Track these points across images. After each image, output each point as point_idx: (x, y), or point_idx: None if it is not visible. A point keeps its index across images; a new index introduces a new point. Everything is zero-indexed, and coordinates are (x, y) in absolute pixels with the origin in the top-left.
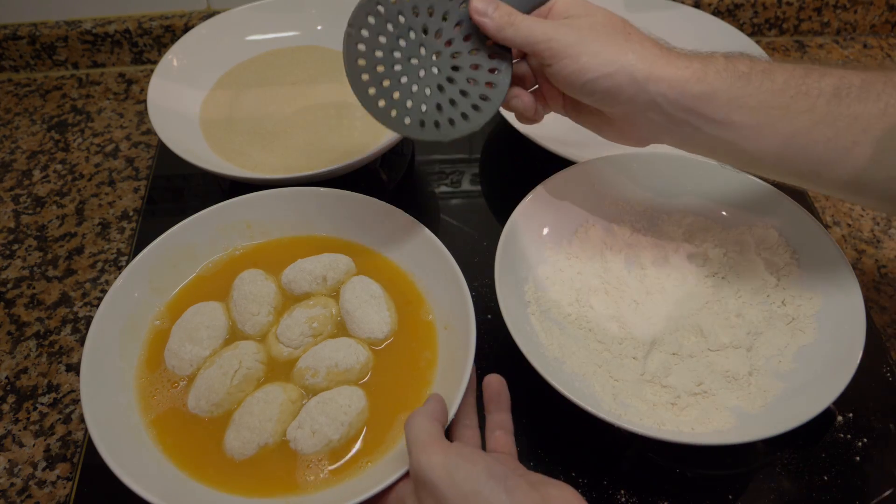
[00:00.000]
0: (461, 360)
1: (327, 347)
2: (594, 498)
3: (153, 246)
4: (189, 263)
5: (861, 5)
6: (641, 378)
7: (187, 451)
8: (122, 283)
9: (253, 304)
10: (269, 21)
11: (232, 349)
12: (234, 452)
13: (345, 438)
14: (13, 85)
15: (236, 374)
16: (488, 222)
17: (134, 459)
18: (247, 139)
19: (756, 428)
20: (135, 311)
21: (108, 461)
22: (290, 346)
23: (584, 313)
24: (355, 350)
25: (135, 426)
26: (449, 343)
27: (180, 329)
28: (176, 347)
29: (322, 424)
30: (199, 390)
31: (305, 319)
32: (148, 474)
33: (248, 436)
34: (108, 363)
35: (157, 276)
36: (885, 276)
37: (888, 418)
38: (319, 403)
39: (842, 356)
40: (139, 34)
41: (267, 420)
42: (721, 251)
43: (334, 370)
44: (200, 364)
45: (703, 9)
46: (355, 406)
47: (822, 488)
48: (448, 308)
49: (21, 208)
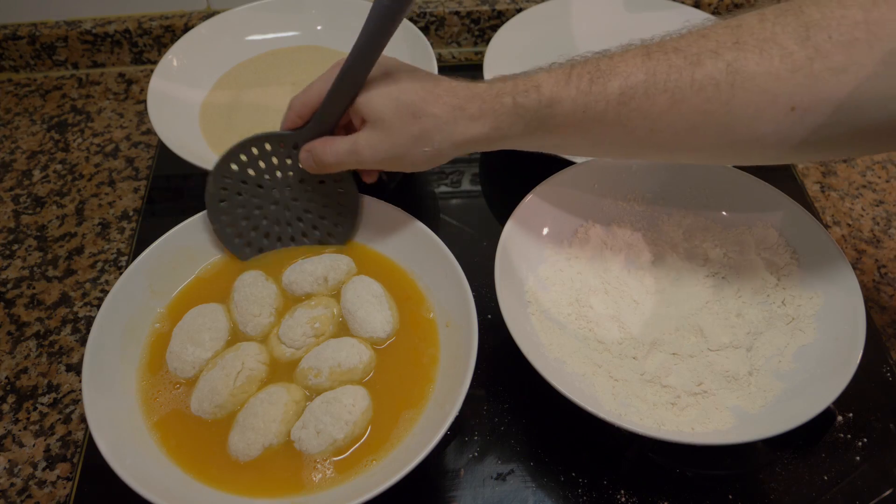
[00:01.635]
0: (464, 357)
1: (329, 347)
2: (594, 498)
3: (152, 248)
4: (188, 265)
5: None
6: (641, 378)
7: (192, 452)
8: (121, 286)
9: (254, 306)
10: (269, 21)
11: (234, 351)
12: (238, 454)
13: (349, 438)
14: (13, 85)
15: (239, 376)
16: (488, 222)
17: (138, 462)
18: None
19: (756, 428)
20: (135, 313)
21: (112, 465)
22: (292, 346)
23: (584, 313)
24: (358, 349)
25: (138, 429)
26: (451, 340)
27: (182, 331)
28: (178, 350)
29: (327, 424)
30: (202, 392)
31: (307, 320)
32: (152, 477)
33: (253, 437)
34: (109, 366)
35: (157, 279)
36: (885, 276)
37: (888, 418)
38: (323, 403)
39: (842, 356)
40: (139, 34)
41: (271, 421)
42: (721, 251)
43: (337, 370)
44: (203, 366)
45: (703, 9)
46: (359, 405)
47: (822, 488)
48: (449, 305)
49: (21, 208)
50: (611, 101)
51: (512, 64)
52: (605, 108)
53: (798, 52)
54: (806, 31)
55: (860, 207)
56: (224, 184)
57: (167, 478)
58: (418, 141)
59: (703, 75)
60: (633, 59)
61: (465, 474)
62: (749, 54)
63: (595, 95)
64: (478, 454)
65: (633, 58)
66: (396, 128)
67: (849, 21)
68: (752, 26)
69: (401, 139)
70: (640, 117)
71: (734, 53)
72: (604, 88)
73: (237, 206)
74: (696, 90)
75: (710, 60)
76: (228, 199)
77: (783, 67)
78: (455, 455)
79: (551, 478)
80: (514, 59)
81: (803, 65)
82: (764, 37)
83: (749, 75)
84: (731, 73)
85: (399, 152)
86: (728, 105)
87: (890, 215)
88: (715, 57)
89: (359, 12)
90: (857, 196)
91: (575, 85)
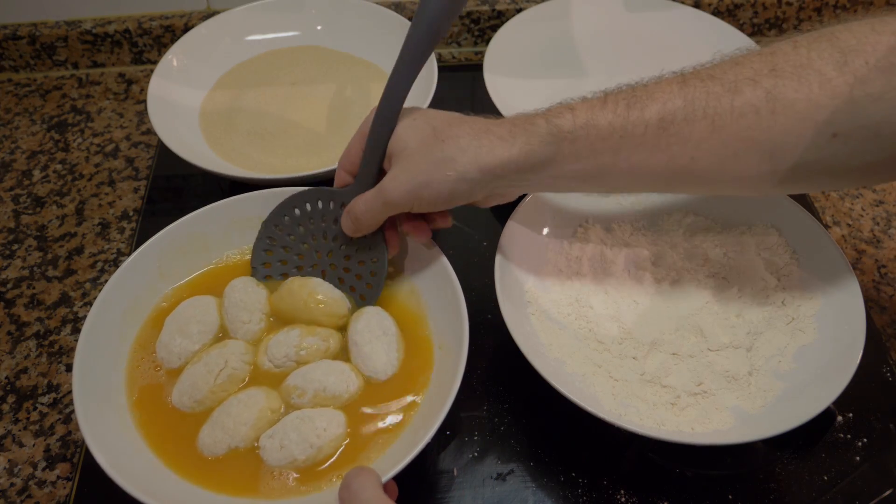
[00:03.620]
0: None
1: (319, 369)
2: (594, 498)
3: (165, 232)
4: (201, 255)
5: (861, 5)
6: (641, 378)
7: (165, 437)
8: (131, 264)
9: (243, 312)
10: (269, 21)
11: (220, 347)
12: (204, 448)
13: (311, 460)
14: (13, 85)
15: (220, 374)
16: (488, 222)
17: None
18: (247, 139)
19: (756, 428)
20: (140, 293)
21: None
22: (272, 362)
23: (584, 313)
24: (347, 378)
25: (120, 406)
26: (441, 363)
27: (172, 321)
28: (167, 339)
29: (292, 441)
30: (184, 386)
31: (295, 344)
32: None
33: (221, 436)
34: (105, 341)
35: (167, 262)
36: (885, 276)
37: (888, 418)
38: (296, 419)
39: (842, 356)
40: (139, 34)
41: (242, 424)
42: (721, 251)
43: (321, 394)
44: (189, 358)
45: (703, 9)
46: (331, 431)
47: (822, 488)
48: (445, 329)
49: (21, 208)
50: (650, 125)
51: (512, 64)
52: (643, 132)
53: (836, 77)
54: (843, 56)
55: (860, 207)
56: (272, 233)
57: (139, 459)
58: (441, 164)
59: (743, 102)
60: (668, 86)
61: (465, 474)
62: (787, 81)
63: (633, 120)
64: (477, 454)
65: (669, 85)
66: (420, 153)
67: (884, 46)
68: (787, 53)
69: (423, 164)
70: (680, 143)
71: (772, 80)
72: (641, 113)
73: (277, 259)
74: (736, 117)
75: (749, 88)
76: (273, 249)
77: (823, 94)
78: (454, 455)
79: (551, 478)
80: (514, 59)
81: (843, 91)
82: (800, 63)
83: (789, 102)
84: (771, 101)
85: (422, 180)
86: (770, 132)
87: (890, 215)
88: (753, 84)
89: (359, 12)
90: (856, 196)
91: (611, 109)
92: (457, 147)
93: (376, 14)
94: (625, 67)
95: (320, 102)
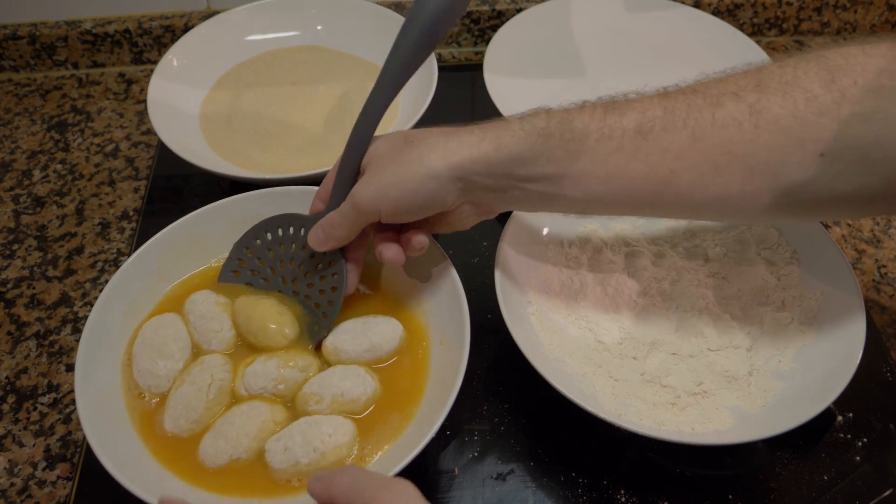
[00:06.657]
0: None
1: (335, 375)
2: (594, 498)
3: (165, 232)
4: (201, 255)
5: (861, 5)
6: (641, 378)
7: (166, 439)
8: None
9: (213, 322)
10: (269, 21)
11: (199, 365)
12: (206, 458)
13: (314, 465)
14: (13, 85)
15: (210, 388)
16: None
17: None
18: (247, 139)
19: (756, 428)
20: (141, 294)
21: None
22: (248, 391)
23: (584, 313)
24: (364, 381)
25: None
26: (441, 362)
27: (144, 347)
28: (148, 366)
29: (296, 444)
30: (176, 411)
31: (273, 377)
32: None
33: (223, 446)
34: (106, 341)
35: (167, 263)
36: (885, 276)
37: (888, 418)
38: (304, 424)
39: (842, 356)
40: (139, 34)
41: (244, 435)
42: (721, 251)
43: (339, 399)
44: (176, 377)
45: (703, 9)
46: (337, 438)
47: (822, 488)
48: (445, 324)
49: (21, 208)
50: (627, 131)
51: (512, 64)
52: (621, 136)
53: (823, 95)
54: (830, 75)
55: None
56: (243, 255)
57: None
58: (408, 162)
59: (725, 115)
60: (649, 98)
61: (465, 474)
62: (772, 96)
63: (610, 124)
64: (477, 454)
65: (650, 97)
66: (389, 157)
67: (873, 67)
68: (773, 71)
69: (391, 166)
70: (658, 152)
71: (756, 95)
72: (619, 119)
73: (244, 281)
74: (717, 128)
75: (731, 101)
76: (240, 270)
77: (809, 111)
78: (454, 455)
79: (551, 478)
80: (514, 59)
81: (830, 108)
82: (786, 80)
83: (773, 117)
84: (755, 114)
85: (389, 180)
86: (752, 146)
87: (890, 215)
88: (736, 98)
89: (359, 12)
90: None
91: (588, 113)
92: (425, 145)
93: (376, 14)
94: (625, 67)
95: (320, 102)
